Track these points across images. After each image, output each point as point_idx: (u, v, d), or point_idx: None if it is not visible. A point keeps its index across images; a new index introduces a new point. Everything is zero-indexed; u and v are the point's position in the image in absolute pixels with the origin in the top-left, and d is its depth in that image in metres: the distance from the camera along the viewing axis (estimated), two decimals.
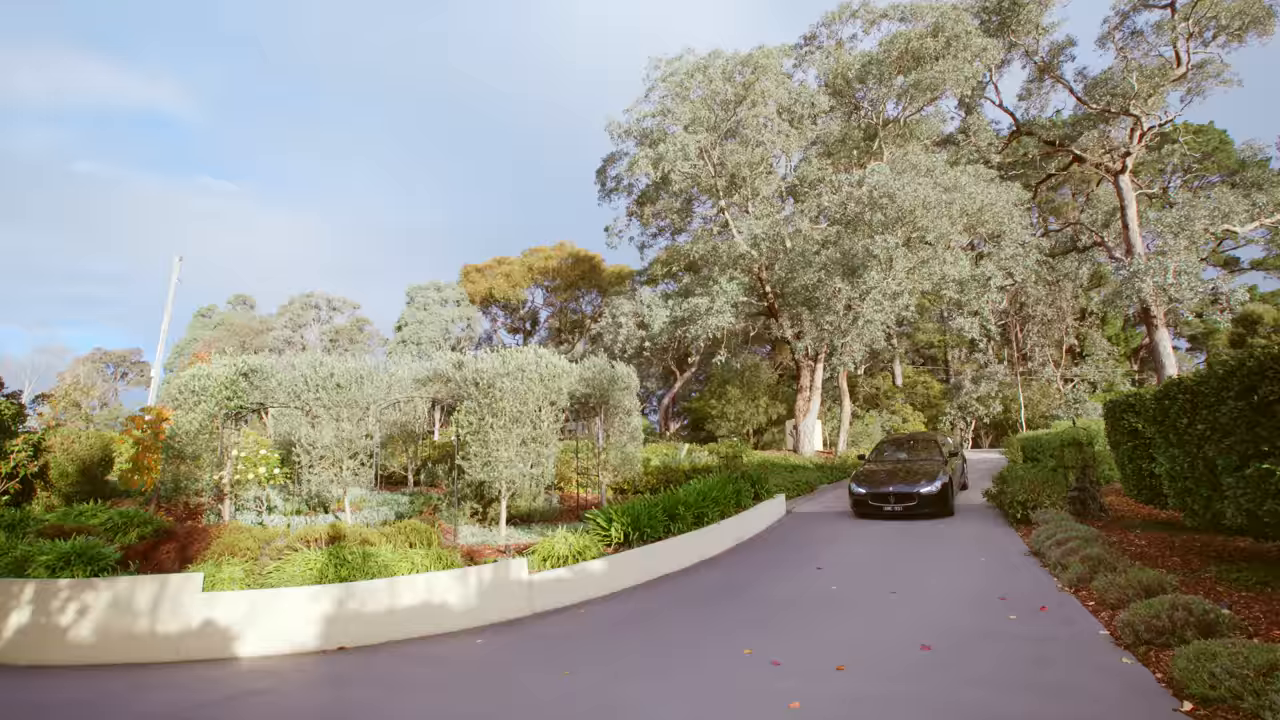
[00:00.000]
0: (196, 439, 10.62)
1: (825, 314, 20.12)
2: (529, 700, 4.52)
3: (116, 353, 45.56)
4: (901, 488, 11.55)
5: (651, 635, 5.93)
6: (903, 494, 11.46)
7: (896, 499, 11.49)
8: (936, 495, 11.35)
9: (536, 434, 11.71)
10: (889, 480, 11.91)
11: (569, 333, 41.19)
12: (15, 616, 6.46)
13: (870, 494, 11.79)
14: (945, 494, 11.42)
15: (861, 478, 12.36)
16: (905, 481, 11.70)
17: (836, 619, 6.06)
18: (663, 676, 4.78)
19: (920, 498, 11.36)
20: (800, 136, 23.56)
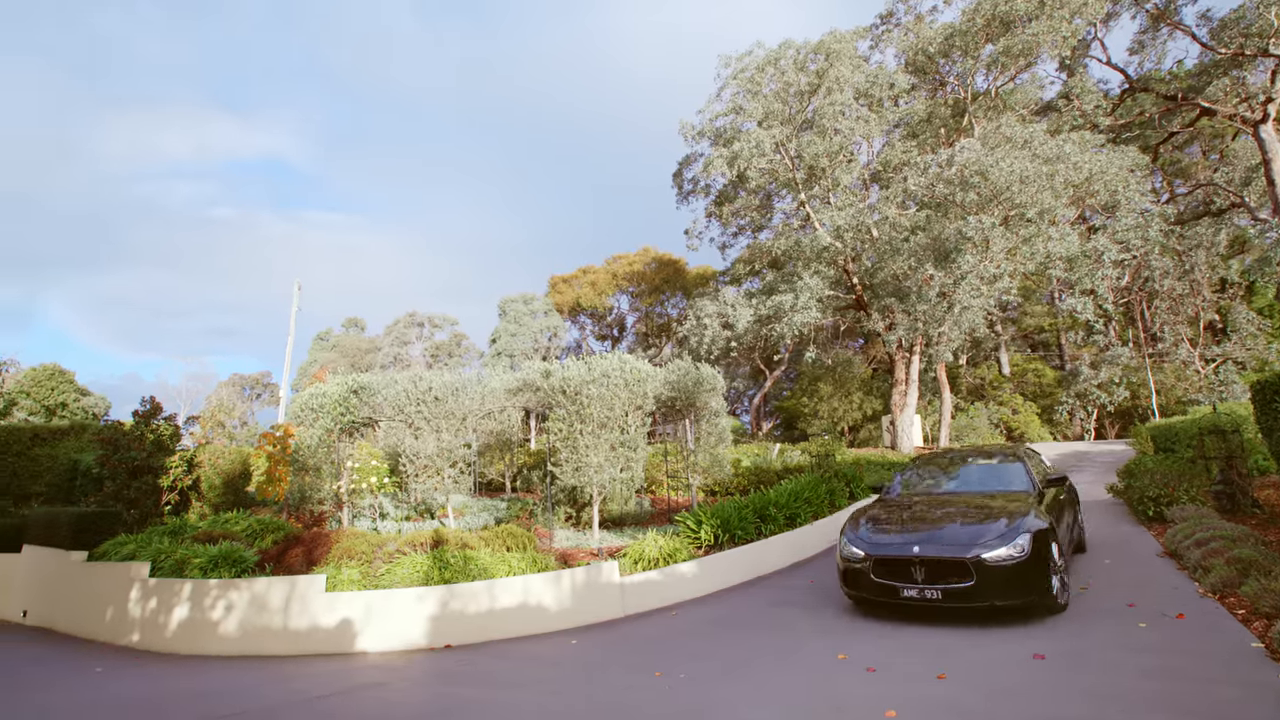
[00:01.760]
0: (317, 452, 11.63)
1: (918, 303, 19.12)
2: (622, 700, 4.62)
3: (251, 376, 50.57)
4: (938, 548, 5.80)
5: (743, 637, 5.90)
6: (940, 562, 5.72)
7: (928, 573, 5.76)
8: (1016, 566, 5.54)
9: (624, 439, 11.92)
10: (916, 532, 6.13)
11: (655, 337, 41.49)
12: (178, 611, 7.34)
13: (877, 561, 6.01)
14: (1037, 561, 5.60)
15: (867, 523, 6.54)
16: (945, 536, 5.95)
17: (936, 623, 5.77)
18: (754, 679, 4.74)
19: (980, 570, 5.57)
20: (881, 120, 22.58)
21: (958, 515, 6.27)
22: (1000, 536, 5.74)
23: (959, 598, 5.67)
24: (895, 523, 6.46)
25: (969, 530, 5.93)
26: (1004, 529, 5.82)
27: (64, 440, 17.52)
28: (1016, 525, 5.86)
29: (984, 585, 5.61)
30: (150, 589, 7.74)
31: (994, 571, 5.60)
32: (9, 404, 18.71)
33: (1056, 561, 5.83)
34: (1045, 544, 5.73)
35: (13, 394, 28.79)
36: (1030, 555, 5.64)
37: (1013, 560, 5.61)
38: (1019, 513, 6.08)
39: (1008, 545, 5.66)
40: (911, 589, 5.82)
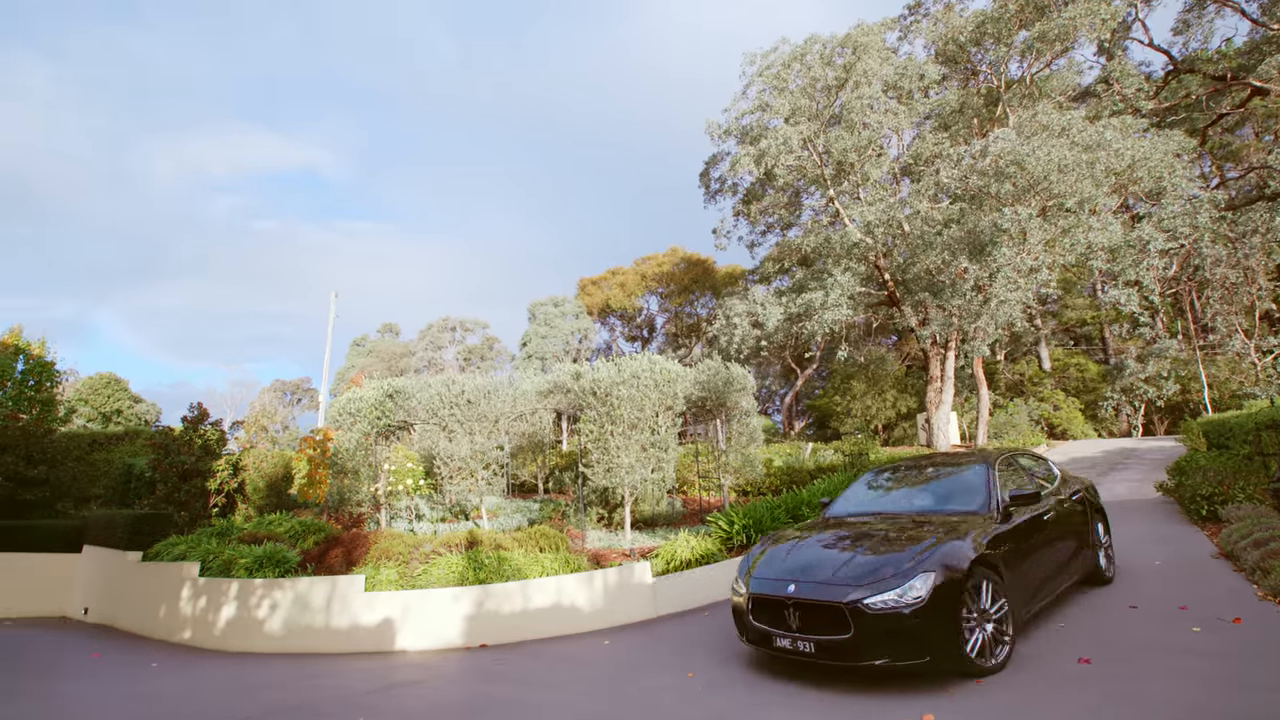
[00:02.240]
0: (355, 455, 11.93)
1: (952, 298, 18.69)
2: (655, 701, 4.64)
3: (292, 382, 52.10)
4: (813, 588, 4.58)
5: None
6: (814, 606, 4.52)
7: (802, 619, 4.57)
8: (907, 616, 4.23)
9: (655, 439, 11.95)
10: (801, 564, 4.91)
11: (685, 337, 41.43)
12: (226, 610, 7.61)
13: (754, 600, 4.91)
14: (940, 610, 4.27)
15: (769, 546, 5.42)
16: (829, 571, 4.65)
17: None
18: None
19: (859, 619, 4.30)
20: (911, 112, 22.15)
21: (874, 542, 4.85)
22: (897, 574, 4.35)
23: (834, 653, 4.36)
24: (787, 550, 5.17)
25: (867, 563, 4.53)
26: (906, 564, 4.41)
27: (119, 445, 18.31)
28: (921, 560, 4.41)
29: (863, 639, 4.24)
30: (200, 588, 8.05)
31: (877, 622, 4.22)
32: (69, 411, 19.67)
33: (985, 609, 4.44)
34: (957, 586, 4.30)
35: (72, 402, 30.18)
36: (929, 602, 4.21)
37: (902, 608, 4.21)
38: (938, 542, 4.60)
39: (896, 588, 4.27)
40: (785, 638, 4.59)
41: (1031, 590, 5.10)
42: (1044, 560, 5.40)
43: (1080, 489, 6.49)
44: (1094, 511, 6.56)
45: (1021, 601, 4.89)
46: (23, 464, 14.13)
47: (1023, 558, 5.07)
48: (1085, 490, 6.62)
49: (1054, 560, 5.56)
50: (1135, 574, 6.86)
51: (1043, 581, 5.31)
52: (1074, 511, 6.15)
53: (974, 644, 4.34)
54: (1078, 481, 6.77)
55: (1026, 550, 5.15)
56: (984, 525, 4.96)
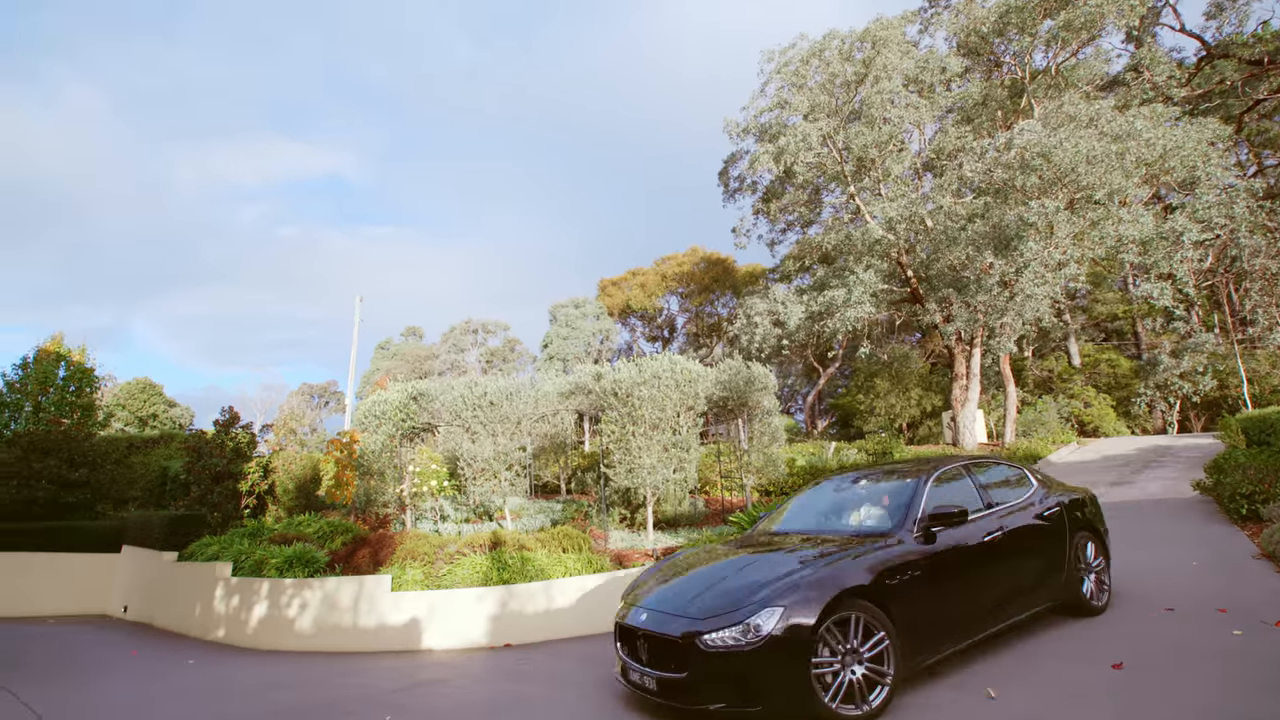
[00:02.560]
0: (380, 457, 12.13)
1: (977, 293, 18.38)
2: None
3: (319, 385, 53.08)
4: (659, 618, 4.23)
5: None
6: (657, 639, 4.15)
7: (650, 652, 4.21)
8: (744, 658, 3.75)
9: (677, 439, 11.95)
10: (667, 586, 4.58)
11: (706, 336, 41.33)
12: (258, 609, 7.79)
13: (619, 627, 4.62)
14: (785, 653, 3.73)
15: (655, 568, 5.26)
16: (686, 599, 4.26)
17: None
18: None
19: (693, 656, 3.91)
20: (933, 106, 21.84)
21: (760, 566, 4.34)
22: (745, 607, 3.88)
23: (672, 693, 4.01)
24: (675, 570, 4.79)
25: (729, 593, 4.08)
26: (759, 595, 3.92)
27: (155, 449, 18.85)
28: (777, 591, 3.89)
29: (700, 680, 3.85)
30: (233, 587, 8.25)
31: (715, 661, 3.80)
32: (107, 416, 20.32)
33: (855, 647, 3.88)
34: (816, 623, 3.76)
35: (110, 407, 31.11)
36: (770, 642, 3.70)
37: (742, 647, 3.74)
38: (805, 570, 4.06)
39: (739, 624, 3.79)
40: (635, 672, 4.28)
41: (947, 625, 4.41)
42: (977, 589, 4.69)
43: (1060, 504, 5.58)
44: (1080, 530, 5.62)
45: (926, 637, 4.24)
46: (65, 467, 14.61)
47: (935, 586, 4.38)
48: (1076, 505, 5.74)
49: (997, 589, 4.82)
50: (1171, 575, 6.69)
51: (969, 614, 4.58)
52: (1042, 530, 5.32)
53: (838, 689, 3.79)
54: (1070, 493, 5.89)
55: (945, 577, 4.47)
56: (885, 548, 4.35)
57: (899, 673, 4.00)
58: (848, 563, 4.15)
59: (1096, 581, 5.66)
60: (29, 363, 17.64)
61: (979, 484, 5.35)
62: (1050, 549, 5.34)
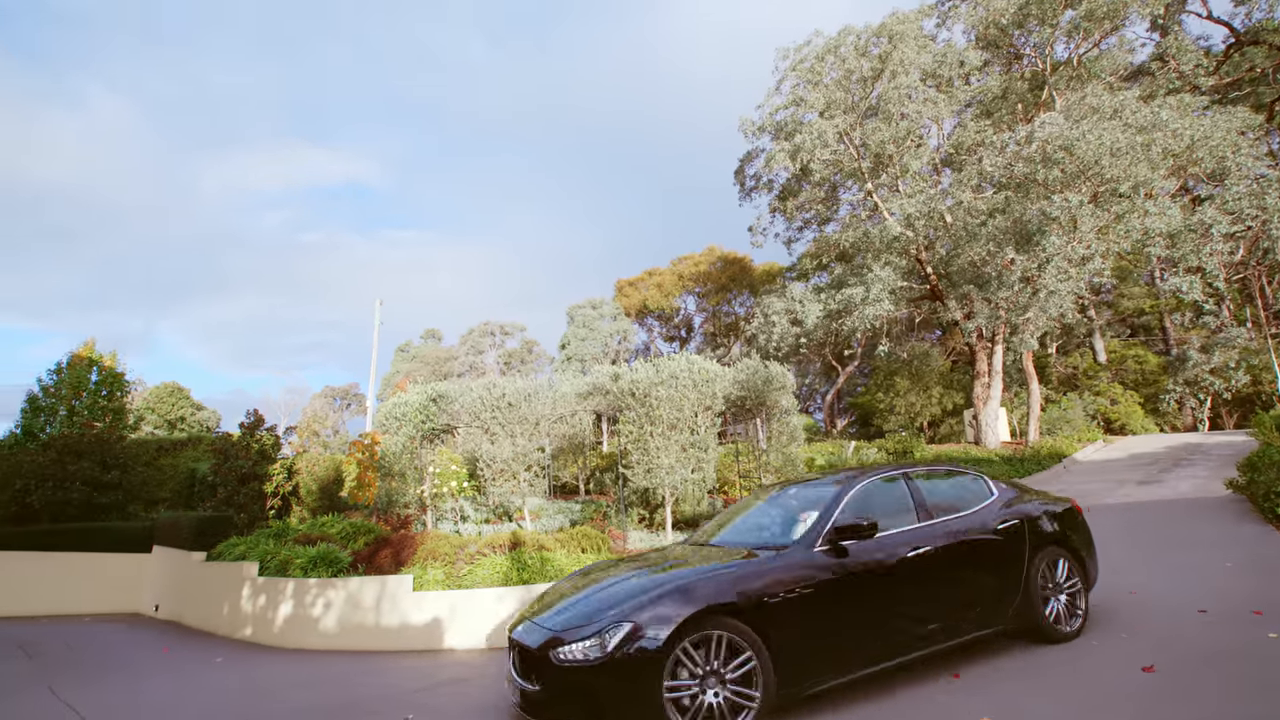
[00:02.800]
0: (401, 458, 12.28)
1: (998, 290, 18.11)
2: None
3: (341, 388, 53.83)
4: (529, 629, 4.19)
5: None
6: (524, 651, 4.08)
7: (522, 663, 4.11)
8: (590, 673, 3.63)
9: (695, 439, 11.94)
10: (563, 599, 4.39)
11: (724, 336, 41.22)
12: (283, 608, 7.94)
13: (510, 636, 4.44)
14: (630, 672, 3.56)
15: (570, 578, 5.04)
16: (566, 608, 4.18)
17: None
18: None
19: (546, 670, 3.83)
20: (951, 101, 21.56)
21: (653, 577, 4.17)
22: (605, 621, 3.75)
23: (530, 707, 3.94)
24: (583, 580, 4.64)
25: (601, 603, 3.97)
26: (622, 607, 3.80)
27: (183, 451, 19.27)
28: (639, 605, 3.76)
29: (550, 694, 3.79)
30: (259, 587, 8.42)
31: (565, 676, 3.71)
32: (137, 419, 20.84)
33: (716, 669, 3.68)
34: (669, 642, 3.59)
35: (140, 410, 31.84)
36: (614, 659, 3.56)
37: (589, 662, 3.63)
38: (676, 580, 3.93)
39: (594, 638, 3.67)
40: (509, 682, 4.23)
41: (843, 649, 4.07)
42: (892, 610, 4.30)
43: (1023, 516, 5.01)
44: (1048, 545, 5.02)
45: (811, 662, 3.93)
46: (98, 469, 15.00)
47: (832, 605, 4.06)
48: (1048, 517, 5.14)
49: (920, 610, 4.40)
50: (1204, 576, 6.54)
51: (876, 637, 4.19)
52: (994, 546, 4.81)
53: (695, 712, 3.59)
54: (1048, 504, 5.32)
55: (848, 595, 4.14)
56: (772, 562, 4.12)
57: (769, 699, 3.73)
58: (720, 577, 3.94)
59: (1068, 604, 5.01)
60: (63, 368, 18.15)
61: (919, 493, 4.90)
62: (1003, 566, 4.81)
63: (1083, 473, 15.89)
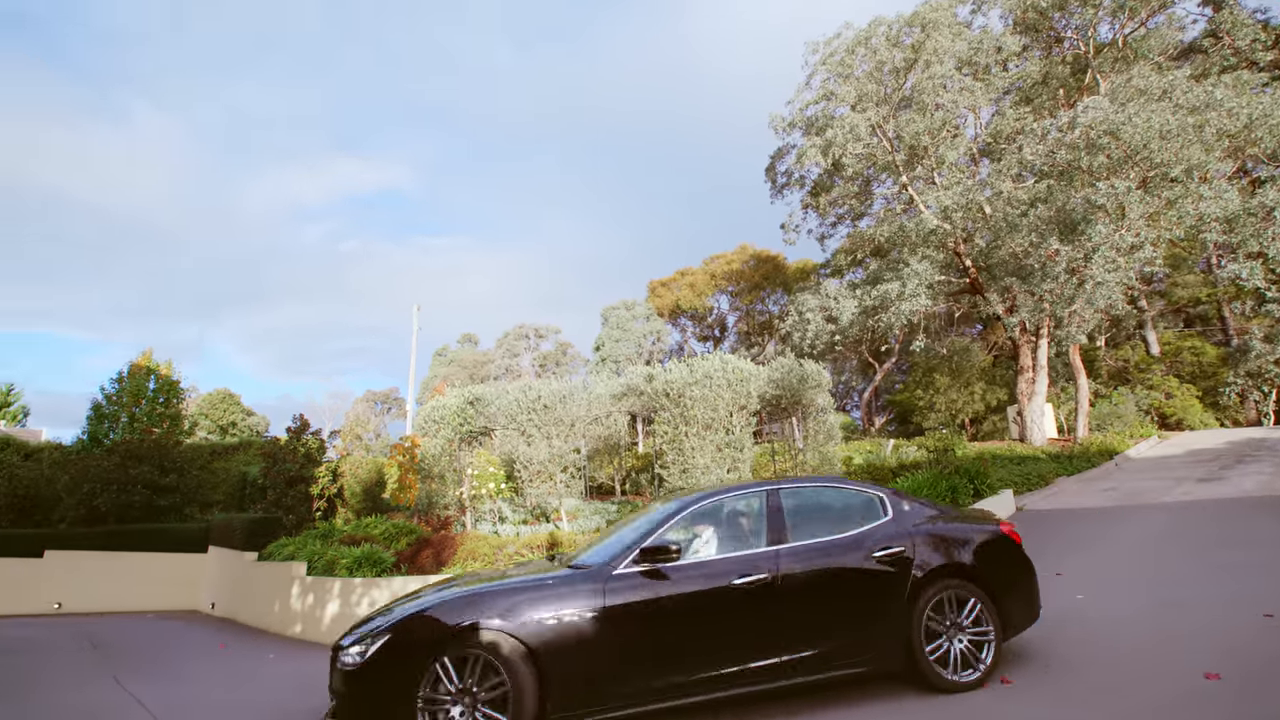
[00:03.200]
0: (440, 460, 12.54)
1: (1042, 282, 17.53)
2: None
3: (381, 392, 55.19)
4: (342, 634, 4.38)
5: None
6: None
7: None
8: (354, 676, 3.84)
9: (730, 439, 11.92)
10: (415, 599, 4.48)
11: (758, 335, 40.90)
12: (330, 606, 8.20)
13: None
14: (381, 680, 3.77)
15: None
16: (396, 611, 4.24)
17: (1079, 634, 5.27)
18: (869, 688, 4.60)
19: (333, 670, 4.05)
20: (988, 89, 20.96)
21: (452, 590, 4.25)
22: (370, 626, 4.00)
23: (331, 707, 4.00)
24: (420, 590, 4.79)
25: (409, 606, 4.07)
26: (391, 616, 3.99)
27: (235, 455, 20.04)
28: (404, 614, 3.91)
29: (334, 693, 3.97)
30: (307, 586, 8.71)
31: (342, 678, 3.87)
32: (192, 425, 21.77)
33: (468, 687, 3.67)
34: (411, 659, 3.68)
35: (194, 416, 33.23)
36: (369, 666, 3.72)
37: (353, 666, 3.80)
38: (458, 595, 3.97)
39: (359, 644, 3.84)
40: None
41: (629, 680, 3.84)
42: (706, 642, 3.98)
43: (908, 546, 4.34)
44: (948, 579, 4.33)
45: (585, 691, 3.78)
46: (157, 473, 15.72)
47: (625, 632, 3.88)
48: (955, 545, 4.44)
49: (742, 644, 4.02)
50: (1268, 575, 6.24)
51: (678, 671, 3.90)
52: (859, 574, 4.27)
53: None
54: (961, 528, 4.58)
55: (648, 623, 3.93)
56: (561, 584, 3.99)
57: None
58: (498, 595, 3.89)
59: (968, 650, 4.26)
60: (124, 377, 19.07)
61: (779, 514, 4.44)
62: (875, 599, 4.25)
63: (1136, 470, 15.29)
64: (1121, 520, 9.88)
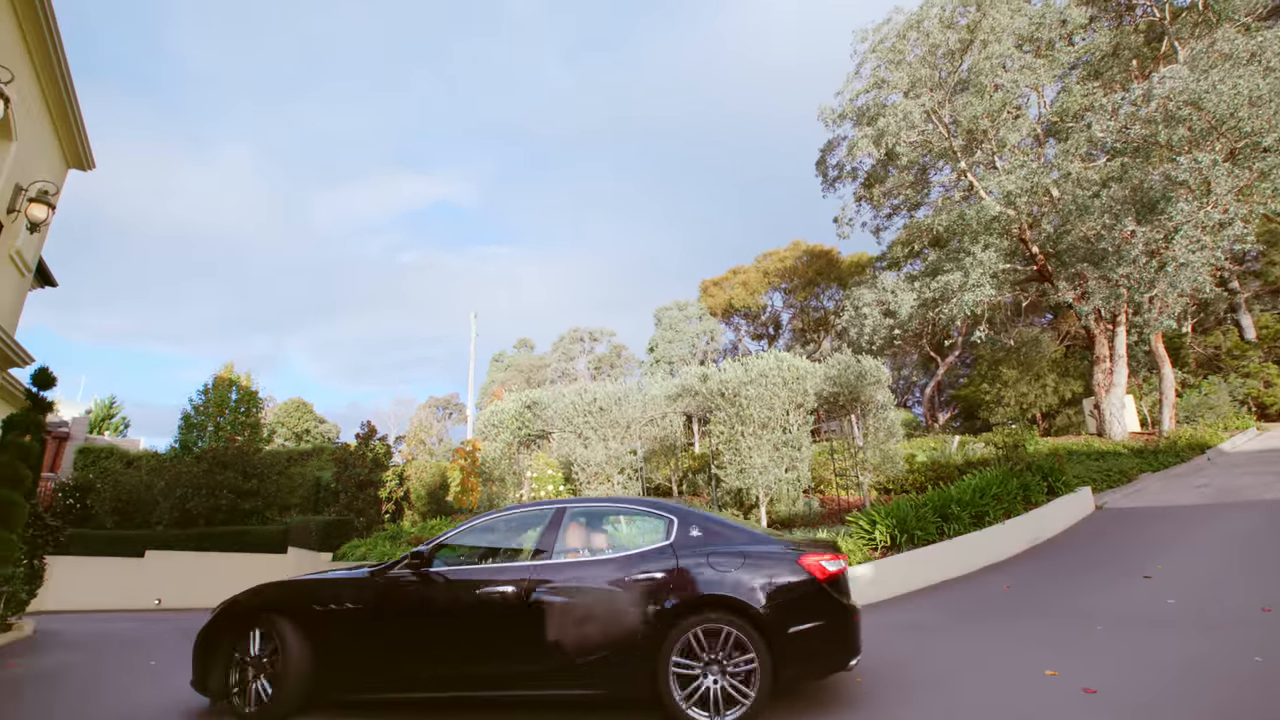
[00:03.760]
0: (500, 463, 12.87)
1: (1118, 266, 16.53)
2: None
3: (442, 398, 56.95)
4: None
5: (927, 648, 5.55)
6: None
7: None
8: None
9: (787, 438, 11.77)
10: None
11: (813, 332, 40.15)
12: None
13: None
14: None
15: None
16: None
17: (1175, 642, 4.92)
18: (945, 696, 4.47)
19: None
20: (1052, 65, 19.92)
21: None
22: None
23: None
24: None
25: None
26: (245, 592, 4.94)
27: (309, 461, 21.09)
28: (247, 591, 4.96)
29: None
30: None
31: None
32: (270, 432, 23.05)
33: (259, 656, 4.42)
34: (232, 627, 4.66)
35: (272, 424, 35.16)
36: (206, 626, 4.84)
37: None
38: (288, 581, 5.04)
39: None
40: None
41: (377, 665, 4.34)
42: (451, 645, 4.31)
43: (668, 572, 4.10)
44: (714, 610, 3.99)
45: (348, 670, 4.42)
46: (240, 478, 16.73)
47: (382, 626, 4.41)
48: (713, 573, 4.07)
49: (483, 652, 4.23)
50: None
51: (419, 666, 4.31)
52: (611, 597, 4.13)
53: (242, 686, 4.41)
54: (745, 559, 4.13)
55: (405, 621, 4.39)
56: (355, 574, 4.77)
57: (288, 694, 4.23)
58: (300, 582, 4.84)
59: (728, 690, 3.86)
60: (209, 389, 20.37)
61: (557, 529, 4.51)
62: (624, 623, 4.07)
63: (1231, 465, 14.23)
64: (1214, 519, 9.24)
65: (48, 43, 8.40)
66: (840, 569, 4.25)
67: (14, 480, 7.71)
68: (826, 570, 4.16)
